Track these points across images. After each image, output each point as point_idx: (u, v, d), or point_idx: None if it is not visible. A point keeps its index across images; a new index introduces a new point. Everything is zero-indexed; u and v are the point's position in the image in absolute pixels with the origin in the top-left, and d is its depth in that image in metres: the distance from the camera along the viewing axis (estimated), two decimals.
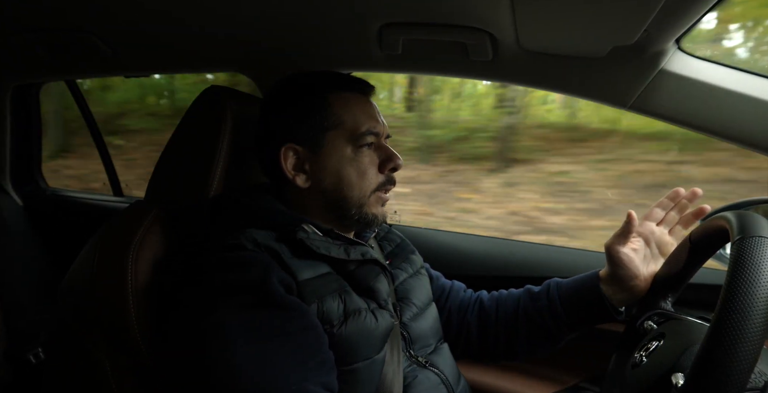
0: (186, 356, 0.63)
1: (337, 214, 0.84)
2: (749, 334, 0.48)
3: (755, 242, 0.54)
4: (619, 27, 0.82)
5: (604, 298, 0.89)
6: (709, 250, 0.79)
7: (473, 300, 1.04)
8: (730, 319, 0.49)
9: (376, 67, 1.19)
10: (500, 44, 0.99)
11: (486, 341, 1.00)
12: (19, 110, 1.91)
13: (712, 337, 0.50)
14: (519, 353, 0.99)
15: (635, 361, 0.73)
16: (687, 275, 0.83)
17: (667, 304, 0.85)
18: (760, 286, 0.50)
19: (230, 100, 0.85)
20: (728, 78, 0.92)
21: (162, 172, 0.89)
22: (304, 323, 0.66)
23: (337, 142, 0.82)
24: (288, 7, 0.97)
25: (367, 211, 0.84)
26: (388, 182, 0.86)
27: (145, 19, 1.09)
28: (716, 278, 1.09)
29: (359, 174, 0.83)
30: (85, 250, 0.80)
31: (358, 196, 0.83)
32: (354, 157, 0.83)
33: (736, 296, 0.50)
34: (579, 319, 0.92)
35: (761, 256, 0.52)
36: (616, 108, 1.02)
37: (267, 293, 0.65)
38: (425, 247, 1.46)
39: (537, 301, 0.96)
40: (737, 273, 0.52)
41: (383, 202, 0.87)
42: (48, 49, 1.32)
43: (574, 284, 0.94)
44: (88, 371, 0.74)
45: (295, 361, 0.63)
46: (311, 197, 0.84)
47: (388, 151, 0.86)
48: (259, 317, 0.64)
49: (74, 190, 2.15)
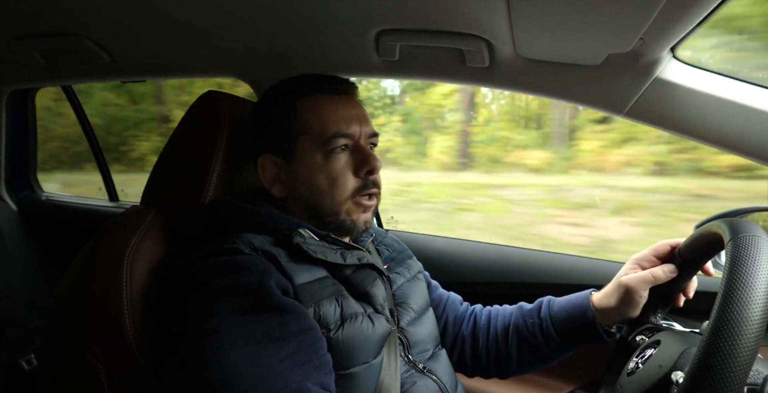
0: (183, 359, 0.63)
1: (317, 221, 0.83)
2: (752, 322, 0.49)
3: (750, 239, 0.56)
4: (615, 35, 0.83)
5: (596, 323, 0.88)
6: (699, 262, 0.79)
7: (468, 314, 1.03)
8: (732, 309, 0.50)
9: (374, 72, 1.19)
10: (497, 51, 1.00)
11: (478, 356, 0.99)
12: (15, 116, 1.91)
13: (715, 326, 0.50)
14: (510, 370, 0.98)
15: (631, 370, 0.73)
16: (677, 289, 0.83)
17: (657, 319, 0.85)
18: (758, 278, 0.51)
19: (227, 105, 0.85)
20: (723, 86, 0.93)
21: (159, 176, 0.89)
22: (303, 325, 0.66)
23: (308, 148, 0.81)
24: (285, 13, 0.97)
25: (344, 219, 0.82)
26: (365, 186, 0.82)
27: (141, 25, 1.10)
28: (710, 286, 1.10)
29: (330, 181, 0.80)
30: (80, 256, 0.79)
31: (330, 204, 0.81)
32: (324, 163, 0.80)
33: (736, 289, 0.51)
34: (570, 339, 0.92)
35: (757, 251, 0.54)
36: (613, 115, 1.03)
37: (265, 297, 0.65)
38: (422, 253, 1.45)
39: (529, 319, 0.95)
40: (736, 268, 0.53)
41: (365, 208, 0.84)
42: (44, 55, 1.32)
43: (566, 305, 0.93)
44: (83, 377, 0.73)
45: (295, 363, 0.62)
46: (292, 206, 0.85)
47: (364, 153, 0.82)
48: (257, 320, 0.64)
49: (69, 196, 2.14)
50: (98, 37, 1.19)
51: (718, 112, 0.93)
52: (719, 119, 0.93)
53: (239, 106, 0.89)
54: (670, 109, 0.96)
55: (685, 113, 0.96)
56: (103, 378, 0.72)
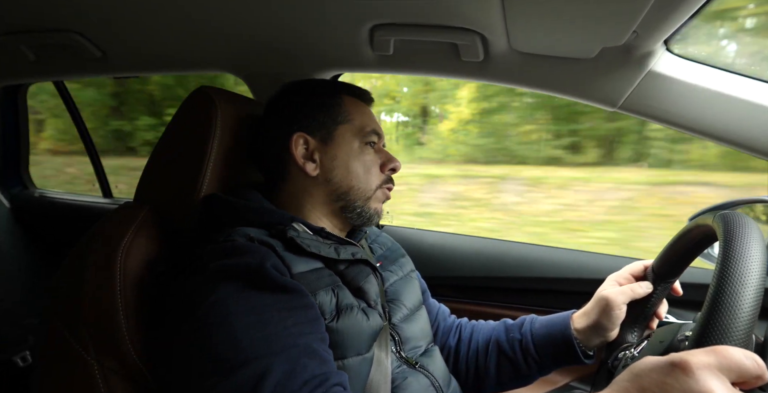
0: (188, 333, 0.63)
1: (340, 204, 0.87)
2: (752, 279, 0.50)
3: (736, 216, 0.58)
4: (609, 28, 0.83)
5: (576, 344, 0.88)
6: (671, 276, 0.81)
7: (455, 326, 1.04)
8: (736, 251, 0.52)
9: (368, 67, 1.19)
10: (491, 45, 1.00)
11: (458, 370, 0.99)
12: (6, 112, 1.89)
13: (718, 285, 0.51)
14: (487, 386, 0.97)
15: (626, 363, 0.74)
16: (653, 307, 0.85)
17: (633, 337, 0.86)
18: (752, 246, 0.53)
19: (221, 101, 0.85)
20: (716, 79, 0.93)
21: (152, 172, 0.88)
22: (305, 302, 0.67)
23: (347, 135, 0.87)
24: (279, 7, 0.97)
25: (370, 205, 0.88)
26: (389, 181, 0.91)
27: (133, 20, 1.08)
28: (699, 278, 1.11)
29: (365, 168, 0.87)
30: (73, 252, 0.79)
31: (364, 189, 0.87)
32: (360, 152, 0.87)
33: (734, 251, 0.53)
34: (547, 356, 0.92)
35: (746, 221, 0.56)
36: (606, 108, 1.03)
37: (265, 276, 0.65)
38: (416, 248, 1.46)
39: (510, 333, 0.96)
40: (729, 236, 0.55)
41: (384, 199, 0.91)
42: (34, 51, 1.30)
43: (547, 323, 0.94)
44: (77, 374, 0.73)
45: (300, 332, 0.63)
46: (315, 187, 0.86)
47: (388, 154, 0.91)
48: (259, 295, 0.64)
49: (63, 192, 2.13)
50: (89, 32, 1.17)
51: (711, 105, 0.93)
52: (713, 112, 0.93)
53: (233, 102, 0.88)
54: (663, 102, 0.97)
55: (679, 106, 0.96)
56: (97, 374, 0.72)
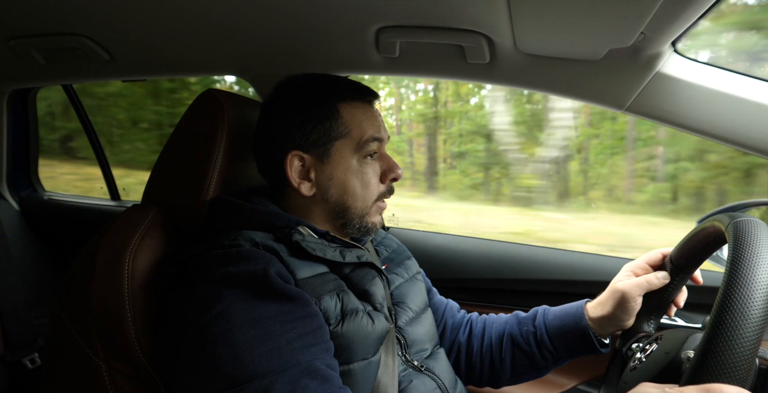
0: (191, 343, 0.63)
1: (340, 222, 0.85)
2: (762, 283, 0.50)
3: (749, 222, 0.57)
4: (616, 30, 0.82)
5: (590, 332, 0.88)
6: (690, 267, 0.80)
7: (465, 321, 1.04)
8: (742, 272, 0.51)
9: (374, 69, 1.19)
10: (497, 47, 0.99)
11: (472, 364, 0.99)
12: (16, 115, 1.91)
13: (724, 295, 0.50)
14: (502, 379, 0.98)
15: (633, 366, 0.73)
16: (669, 297, 0.83)
17: (650, 327, 0.85)
18: (762, 256, 0.52)
19: (228, 103, 0.85)
20: (724, 81, 0.92)
21: (159, 175, 0.89)
22: (309, 311, 0.67)
23: (344, 151, 0.83)
24: (285, 10, 0.97)
25: (367, 220, 0.86)
26: (387, 192, 0.88)
27: (141, 23, 1.09)
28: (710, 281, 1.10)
29: (363, 185, 0.84)
30: (82, 254, 0.79)
31: (361, 207, 0.84)
32: (359, 168, 0.84)
33: (741, 264, 0.52)
34: (563, 348, 0.92)
35: (757, 228, 0.55)
36: (614, 110, 1.02)
37: (269, 284, 0.65)
38: (423, 250, 1.46)
39: (523, 327, 0.96)
40: (739, 248, 0.53)
41: (381, 211, 0.89)
42: (43, 54, 1.32)
43: (561, 314, 0.93)
44: (86, 376, 0.73)
45: (303, 344, 0.63)
46: (314, 204, 0.85)
47: (390, 162, 0.87)
48: (263, 305, 0.64)
49: (71, 195, 2.14)
50: (97, 36, 1.18)
51: (719, 107, 0.92)
52: (721, 113, 0.93)
53: (240, 104, 0.88)
54: (671, 103, 0.96)
55: (686, 108, 0.95)
56: (106, 376, 0.72)
